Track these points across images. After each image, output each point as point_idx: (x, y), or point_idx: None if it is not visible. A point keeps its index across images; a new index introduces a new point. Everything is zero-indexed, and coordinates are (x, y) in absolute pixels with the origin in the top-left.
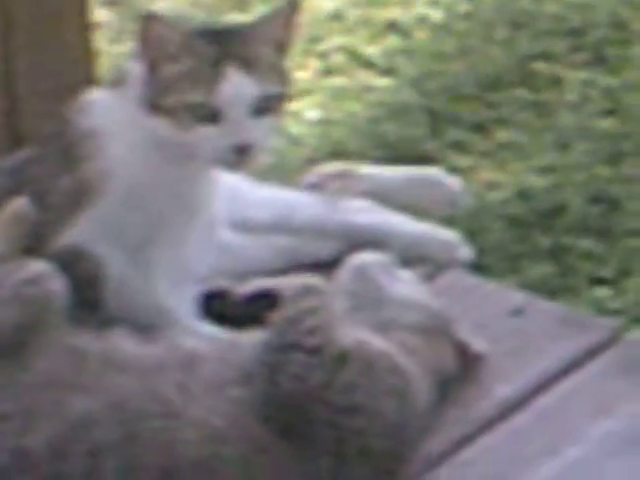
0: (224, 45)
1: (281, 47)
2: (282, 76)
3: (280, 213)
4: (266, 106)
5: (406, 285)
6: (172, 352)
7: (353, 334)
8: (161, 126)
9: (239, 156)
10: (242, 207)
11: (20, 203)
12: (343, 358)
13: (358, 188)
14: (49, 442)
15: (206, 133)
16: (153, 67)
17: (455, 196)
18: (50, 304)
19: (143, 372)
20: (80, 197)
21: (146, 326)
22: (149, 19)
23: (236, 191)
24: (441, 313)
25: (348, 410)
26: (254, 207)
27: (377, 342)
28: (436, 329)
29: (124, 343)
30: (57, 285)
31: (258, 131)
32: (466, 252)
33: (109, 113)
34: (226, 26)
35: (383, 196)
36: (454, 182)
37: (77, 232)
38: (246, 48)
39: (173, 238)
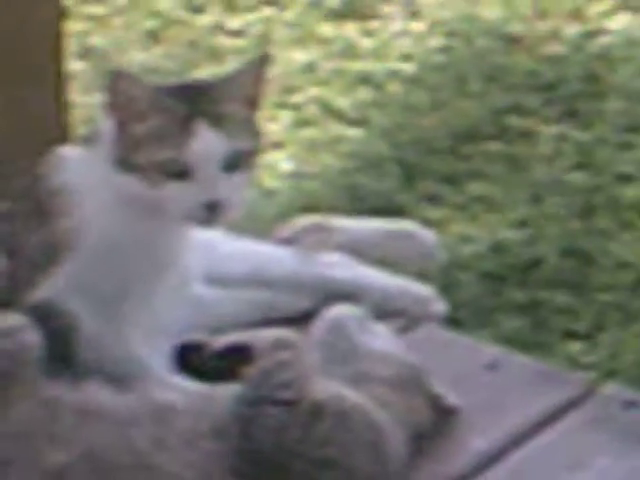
0: (193, 102)
1: (252, 102)
2: (253, 131)
3: (254, 266)
4: (237, 162)
5: (380, 339)
6: (146, 404)
7: (327, 387)
8: (131, 183)
9: (210, 213)
10: (216, 260)
11: None
12: (318, 412)
13: (333, 241)
14: None
15: (176, 190)
16: (122, 125)
17: (429, 250)
18: (24, 356)
19: (117, 423)
20: (52, 253)
21: (120, 378)
22: (116, 76)
23: (210, 244)
24: (415, 367)
25: (323, 464)
26: (228, 260)
27: (351, 395)
28: (410, 383)
29: (98, 394)
30: (32, 337)
31: (229, 187)
32: (440, 306)
33: (81, 170)
34: (195, 82)
35: (357, 249)
36: (428, 236)
37: (49, 287)
38: (216, 105)
39: (145, 292)
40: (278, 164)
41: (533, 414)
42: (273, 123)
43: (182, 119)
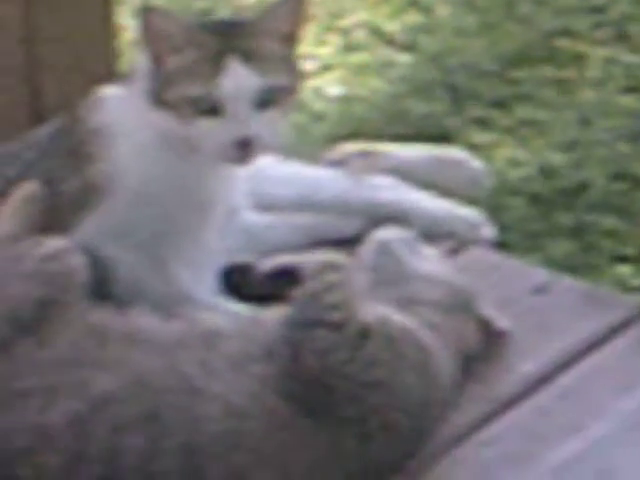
0: (227, 37)
1: (288, 38)
2: (289, 68)
3: (304, 191)
4: (270, 99)
5: (429, 261)
6: (193, 328)
7: (375, 310)
8: (164, 120)
9: (242, 150)
10: (266, 185)
11: (30, 186)
12: (365, 334)
13: (381, 166)
14: (71, 420)
15: (207, 127)
16: (157, 60)
17: (477, 176)
18: (71, 279)
19: (164, 348)
20: (88, 197)
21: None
22: (149, 12)
23: (259, 169)
24: (464, 289)
25: (371, 385)
26: (278, 185)
27: (399, 318)
28: (459, 306)
29: (144, 320)
30: (77, 260)
31: (261, 125)
32: (488, 230)
33: (119, 110)
34: (230, 19)
35: (406, 175)
36: (475, 163)
37: (85, 233)
38: (249, 40)
39: (189, 230)
40: (327, 88)
41: (582, 337)
42: (322, 47)
43: (214, 54)
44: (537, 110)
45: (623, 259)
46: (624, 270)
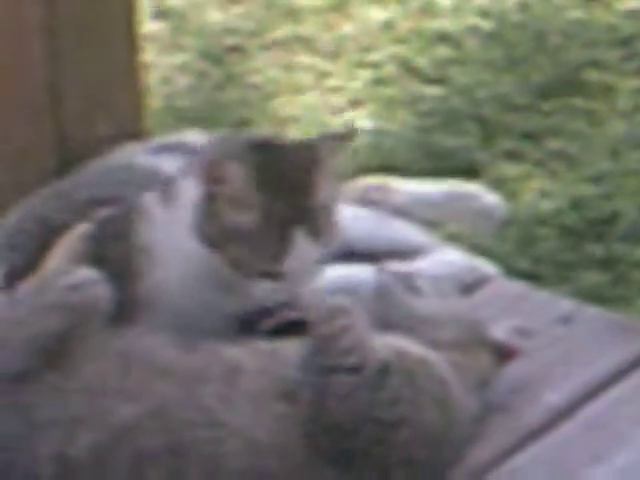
0: (291, 203)
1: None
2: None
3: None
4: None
5: (430, 298)
6: (213, 361)
7: (391, 342)
8: (218, 262)
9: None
10: None
11: (85, 226)
12: (385, 371)
13: (395, 201)
14: (93, 450)
15: (264, 288)
16: (211, 198)
17: (490, 211)
18: (94, 309)
19: (185, 380)
20: (128, 310)
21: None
22: (217, 163)
23: None
24: (472, 320)
25: (395, 424)
26: None
27: (416, 348)
28: (471, 339)
29: (167, 350)
30: (101, 290)
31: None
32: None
33: (165, 233)
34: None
35: (419, 209)
36: (490, 197)
37: None
38: (313, 210)
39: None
40: (357, 122)
41: (607, 367)
42: (352, 81)
43: (280, 225)
44: (567, 142)
45: None
46: None
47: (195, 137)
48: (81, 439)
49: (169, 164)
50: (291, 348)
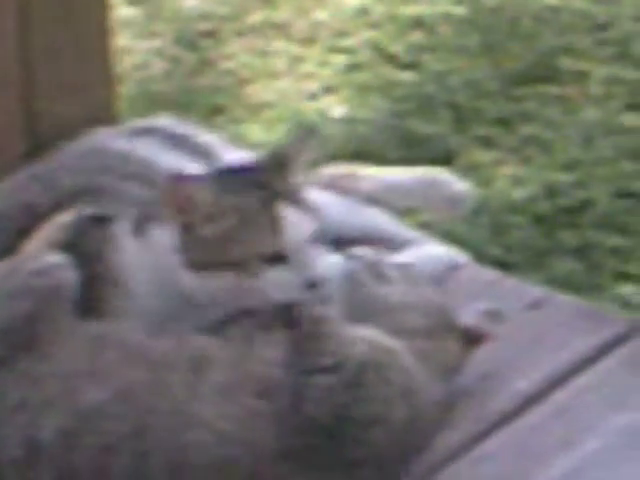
0: (257, 187)
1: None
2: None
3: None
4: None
5: (396, 285)
6: (181, 348)
7: (363, 334)
8: (217, 280)
9: (312, 290)
10: None
11: (67, 216)
12: (362, 369)
13: (365, 189)
14: (61, 434)
15: (278, 276)
16: (186, 228)
17: (459, 198)
18: (58, 295)
19: (152, 366)
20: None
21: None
22: (174, 181)
23: None
24: (441, 307)
25: (368, 423)
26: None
27: (385, 339)
28: (439, 325)
29: (138, 334)
30: (67, 276)
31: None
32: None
33: (138, 260)
34: (240, 163)
35: (389, 196)
36: (459, 184)
37: None
38: (284, 182)
39: None
40: (331, 108)
41: (575, 354)
42: (326, 67)
43: (261, 207)
44: (540, 129)
45: (627, 277)
46: (628, 288)
47: (167, 122)
48: (49, 423)
49: (145, 149)
50: (268, 345)
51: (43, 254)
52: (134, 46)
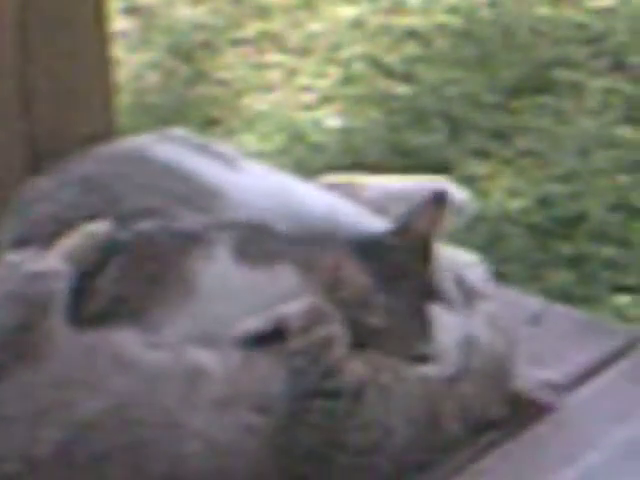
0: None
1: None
2: None
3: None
4: None
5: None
6: (176, 360)
7: (366, 358)
8: None
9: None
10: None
11: (100, 225)
12: (360, 394)
13: (366, 197)
14: (58, 447)
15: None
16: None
17: (459, 207)
18: (46, 303)
19: (147, 378)
20: None
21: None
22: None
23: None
24: (502, 356)
25: (365, 451)
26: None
27: (389, 362)
28: (490, 375)
29: (133, 344)
30: (59, 284)
31: None
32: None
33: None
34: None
35: (387, 206)
36: (458, 192)
37: None
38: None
39: None
40: (326, 120)
41: (576, 366)
42: (321, 79)
43: (415, 310)
44: (536, 140)
45: (622, 289)
46: (623, 300)
47: (182, 132)
48: (45, 435)
49: (189, 162)
50: (267, 361)
51: (41, 258)
52: (129, 58)
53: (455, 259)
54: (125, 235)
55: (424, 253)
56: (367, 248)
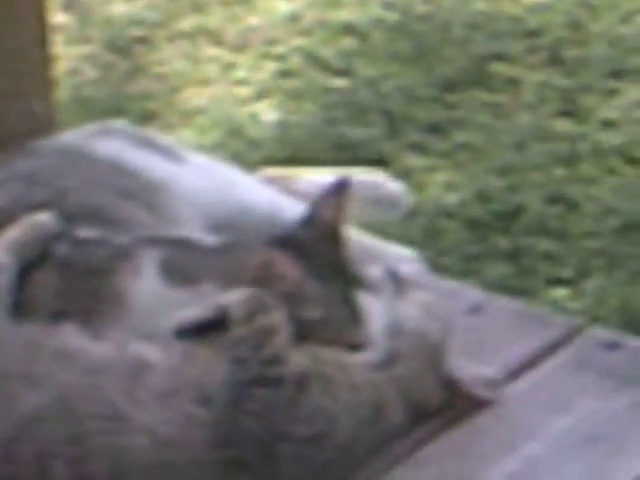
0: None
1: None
2: None
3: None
4: None
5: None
6: (119, 353)
7: (308, 348)
8: None
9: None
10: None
11: (43, 216)
12: (303, 383)
13: (299, 190)
14: (1, 441)
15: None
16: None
17: (394, 199)
18: None
19: (90, 370)
20: None
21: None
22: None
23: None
24: (436, 343)
25: (309, 440)
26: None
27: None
28: (427, 362)
29: (75, 337)
30: (2, 276)
31: None
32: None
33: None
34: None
35: None
36: (395, 185)
37: None
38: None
39: None
40: (263, 114)
41: (516, 356)
42: (258, 73)
43: (343, 298)
44: (473, 134)
45: (559, 282)
46: (560, 293)
47: (123, 124)
48: None
49: (132, 156)
50: (207, 352)
51: None
52: (66, 52)
53: (388, 252)
54: (64, 248)
55: (334, 241)
56: (285, 242)
